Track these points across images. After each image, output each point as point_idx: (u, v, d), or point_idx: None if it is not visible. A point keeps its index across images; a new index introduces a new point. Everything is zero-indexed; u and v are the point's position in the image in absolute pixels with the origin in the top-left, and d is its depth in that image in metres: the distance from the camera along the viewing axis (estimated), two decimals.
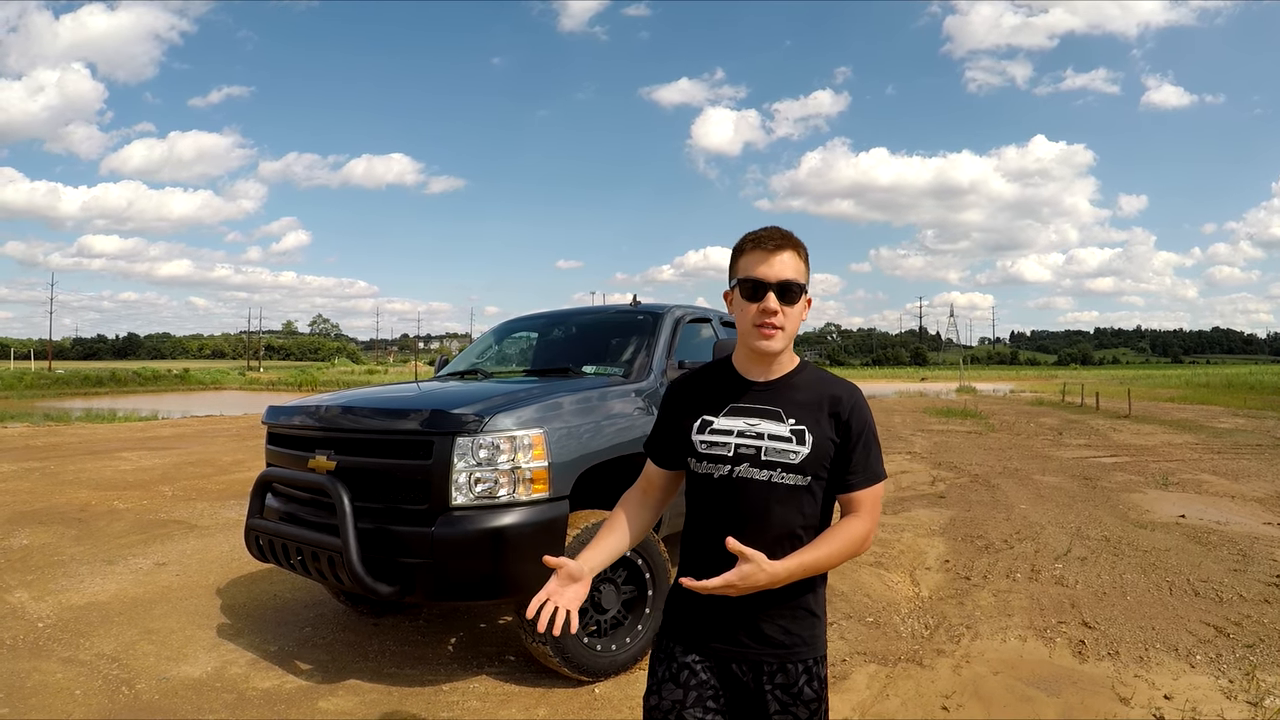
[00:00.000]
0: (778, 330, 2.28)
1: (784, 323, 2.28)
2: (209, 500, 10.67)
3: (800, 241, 2.35)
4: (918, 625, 5.82)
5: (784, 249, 2.29)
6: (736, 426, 2.30)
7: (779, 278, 2.26)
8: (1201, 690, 4.72)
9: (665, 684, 2.35)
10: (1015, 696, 4.66)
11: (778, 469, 2.25)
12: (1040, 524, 9.07)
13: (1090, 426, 22.35)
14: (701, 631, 2.34)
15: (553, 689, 4.74)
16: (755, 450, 2.27)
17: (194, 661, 5.17)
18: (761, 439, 2.27)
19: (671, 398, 2.53)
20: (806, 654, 2.30)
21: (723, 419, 2.33)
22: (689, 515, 2.45)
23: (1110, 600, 6.27)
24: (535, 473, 4.43)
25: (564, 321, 7.30)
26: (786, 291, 2.27)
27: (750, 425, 2.29)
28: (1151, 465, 13.93)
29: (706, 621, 2.33)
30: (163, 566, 7.34)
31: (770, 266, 2.27)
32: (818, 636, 2.34)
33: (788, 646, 2.28)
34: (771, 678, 2.27)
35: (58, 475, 12.60)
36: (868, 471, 2.33)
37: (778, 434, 2.27)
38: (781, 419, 2.29)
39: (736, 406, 2.34)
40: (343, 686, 4.81)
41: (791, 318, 2.30)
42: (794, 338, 2.36)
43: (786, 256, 2.28)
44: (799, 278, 2.30)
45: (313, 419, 5.08)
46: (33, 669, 5.01)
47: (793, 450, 2.26)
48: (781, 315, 2.27)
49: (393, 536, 4.37)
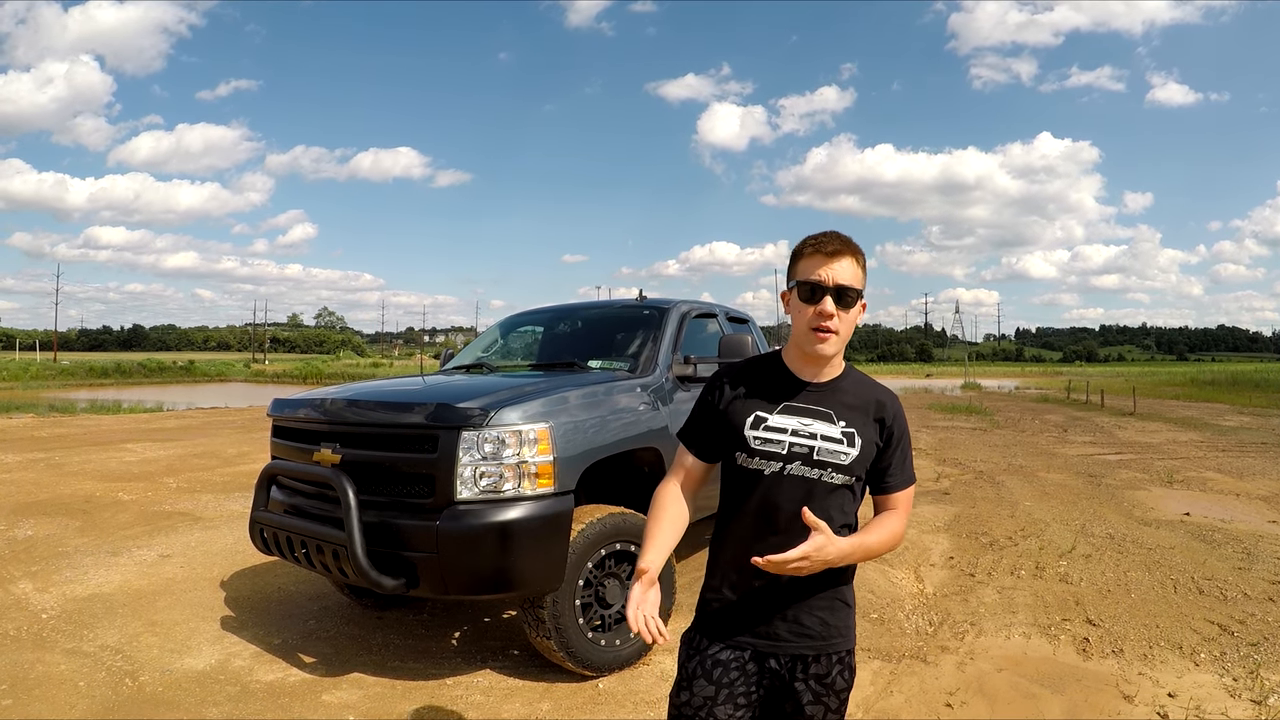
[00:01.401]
0: (832, 334, 2.31)
1: (839, 327, 2.31)
2: (213, 492, 10.67)
3: (859, 248, 2.38)
4: (922, 622, 5.82)
5: (843, 255, 2.32)
6: (791, 425, 2.34)
7: (836, 282, 2.29)
8: (1206, 688, 4.71)
9: (697, 680, 2.37)
10: (1019, 694, 4.66)
11: (828, 469, 2.31)
12: (1045, 521, 9.06)
13: (1095, 423, 22.33)
14: (740, 626, 2.37)
15: (556, 683, 4.74)
16: (809, 450, 2.31)
17: (198, 654, 5.17)
18: (815, 439, 2.32)
19: (718, 389, 2.52)
20: (841, 645, 2.36)
21: (777, 416, 2.36)
22: (724, 509, 2.47)
23: (1115, 598, 6.26)
24: (540, 467, 4.42)
25: (570, 316, 7.29)
26: (843, 296, 2.30)
27: (804, 425, 2.33)
28: (1156, 463, 13.91)
29: (745, 616, 2.37)
30: (167, 558, 7.34)
31: (830, 270, 2.30)
32: (850, 628, 2.40)
33: (825, 639, 2.33)
34: (807, 669, 2.32)
35: (62, 466, 12.61)
36: (905, 474, 2.44)
37: (830, 435, 2.32)
38: (833, 421, 2.34)
39: (791, 405, 2.37)
40: (346, 680, 4.81)
41: (846, 322, 2.33)
42: (847, 342, 2.40)
43: (846, 262, 2.32)
44: (855, 284, 2.33)
45: (318, 412, 5.07)
46: (36, 660, 5.01)
47: (844, 452, 2.31)
48: (837, 319, 2.30)
49: (397, 530, 4.37)
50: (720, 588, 2.42)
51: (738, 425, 2.39)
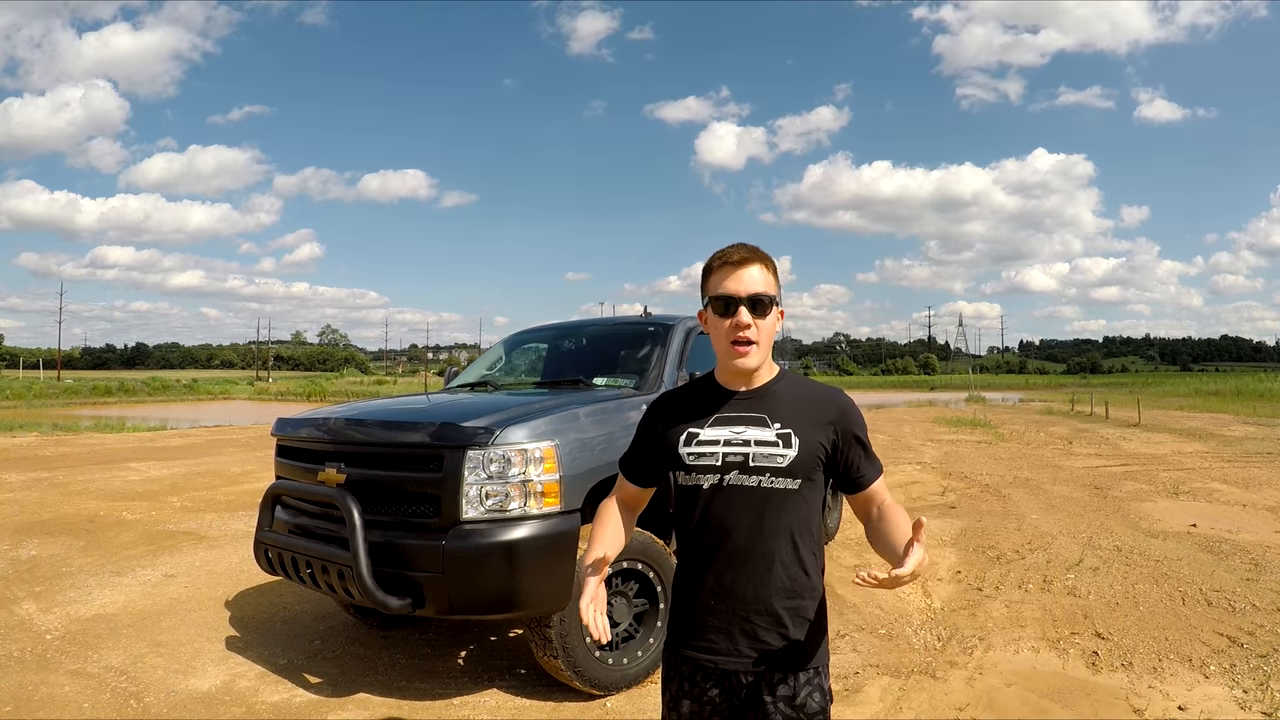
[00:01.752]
0: (752, 345, 2.29)
1: (758, 336, 2.29)
2: (218, 511, 10.66)
3: (767, 255, 2.37)
4: (930, 637, 5.79)
5: (750, 263, 2.31)
6: (723, 435, 2.31)
7: (749, 292, 2.28)
8: (1216, 701, 4.68)
9: (681, 700, 2.34)
10: (1029, 708, 4.64)
11: (766, 474, 2.26)
12: (1051, 534, 9.02)
13: (1100, 435, 22.28)
14: (707, 643, 2.31)
15: (564, 703, 4.72)
16: (743, 457, 2.27)
17: (203, 674, 5.16)
18: (749, 445, 2.27)
19: (652, 415, 2.53)
20: (809, 663, 2.28)
21: (708, 429, 2.33)
22: (679, 531, 2.43)
23: (1123, 611, 6.24)
24: (546, 486, 4.41)
25: (574, 333, 7.29)
26: (757, 305, 2.28)
27: (736, 433, 2.30)
28: (1162, 474, 13.86)
29: (710, 633, 2.31)
30: (171, 578, 7.33)
31: (739, 282, 2.29)
32: (818, 646, 2.32)
33: (789, 656, 2.26)
34: (773, 689, 2.25)
35: (66, 485, 12.61)
36: (872, 466, 2.39)
37: (764, 439, 2.27)
38: (767, 424, 2.29)
39: (722, 416, 2.34)
40: (352, 700, 4.79)
41: (764, 330, 2.31)
42: (770, 349, 2.38)
43: (754, 270, 2.30)
44: (769, 290, 2.31)
45: (322, 431, 5.06)
46: (41, 681, 5.00)
47: (780, 454, 2.26)
48: (755, 329, 2.28)
49: (403, 550, 4.36)
50: (684, 605, 2.39)
51: (672, 445, 2.38)
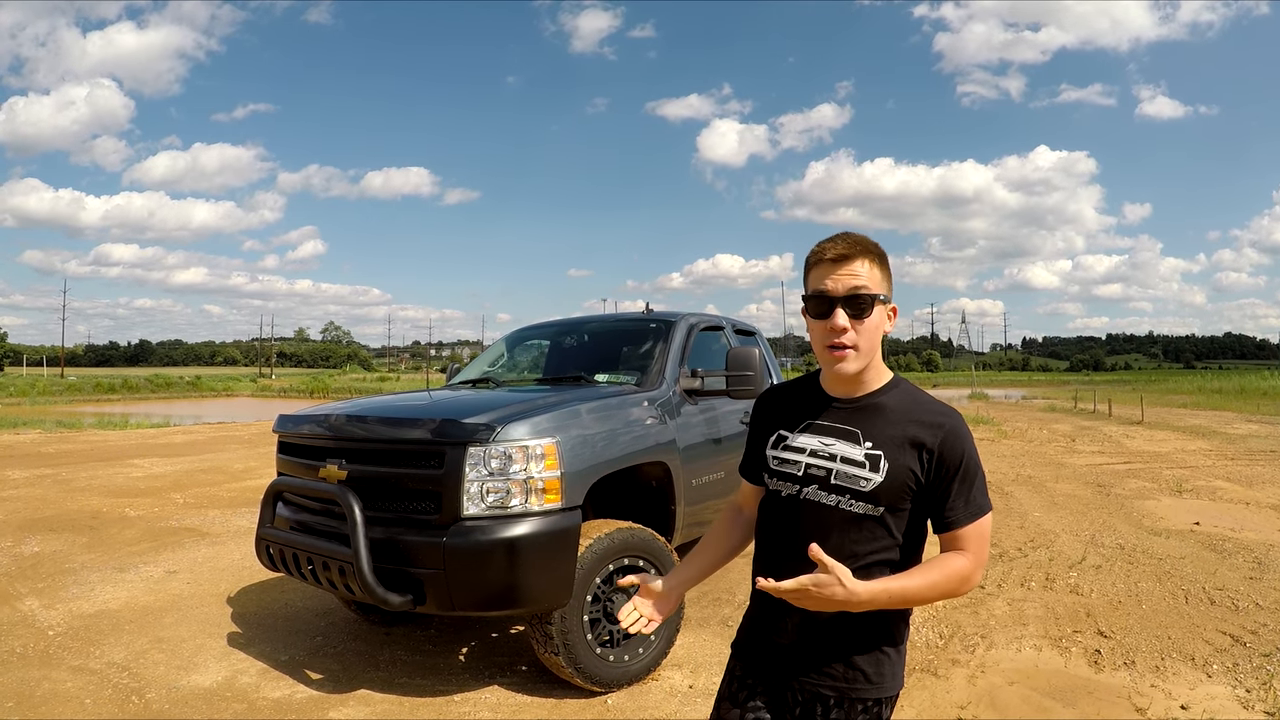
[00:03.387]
0: (849, 349, 2.08)
1: (857, 340, 2.07)
2: (220, 508, 10.68)
3: (874, 245, 2.14)
4: (932, 634, 5.78)
5: (852, 258, 2.08)
6: (810, 445, 2.15)
7: (847, 289, 2.06)
8: (1218, 700, 4.68)
9: (723, 702, 2.27)
10: (1031, 707, 4.63)
11: (846, 495, 2.08)
12: (1054, 531, 9.02)
13: (1103, 433, 22.25)
14: (762, 653, 2.22)
15: (565, 699, 4.72)
16: (825, 473, 2.10)
17: (204, 670, 5.16)
18: (834, 461, 2.10)
19: (757, 409, 2.38)
20: (869, 693, 2.11)
21: (798, 436, 2.18)
22: (757, 534, 2.31)
23: (1126, 609, 6.23)
24: (548, 482, 4.41)
25: (576, 329, 7.29)
26: (856, 304, 2.06)
27: (824, 445, 2.13)
28: (1165, 472, 13.84)
29: (768, 643, 2.20)
30: (174, 574, 7.33)
31: (836, 279, 2.07)
32: (886, 676, 2.14)
33: (849, 682, 2.10)
34: (826, 713, 2.10)
35: (69, 482, 12.62)
36: (970, 505, 2.11)
37: (851, 457, 2.09)
38: (858, 441, 2.10)
39: (814, 424, 2.17)
40: (354, 697, 4.79)
41: (866, 333, 2.08)
42: (876, 352, 2.15)
43: (856, 265, 2.08)
44: (871, 286, 2.08)
45: (323, 428, 5.06)
46: (43, 677, 5.00)
47: (864, 476, 2.06)
48: (853, 332, 2.07)
49: (404, 546, 4.35)
50: (752, 610, 2.28)
51: (761, 445, 2.26)
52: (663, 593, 2.32)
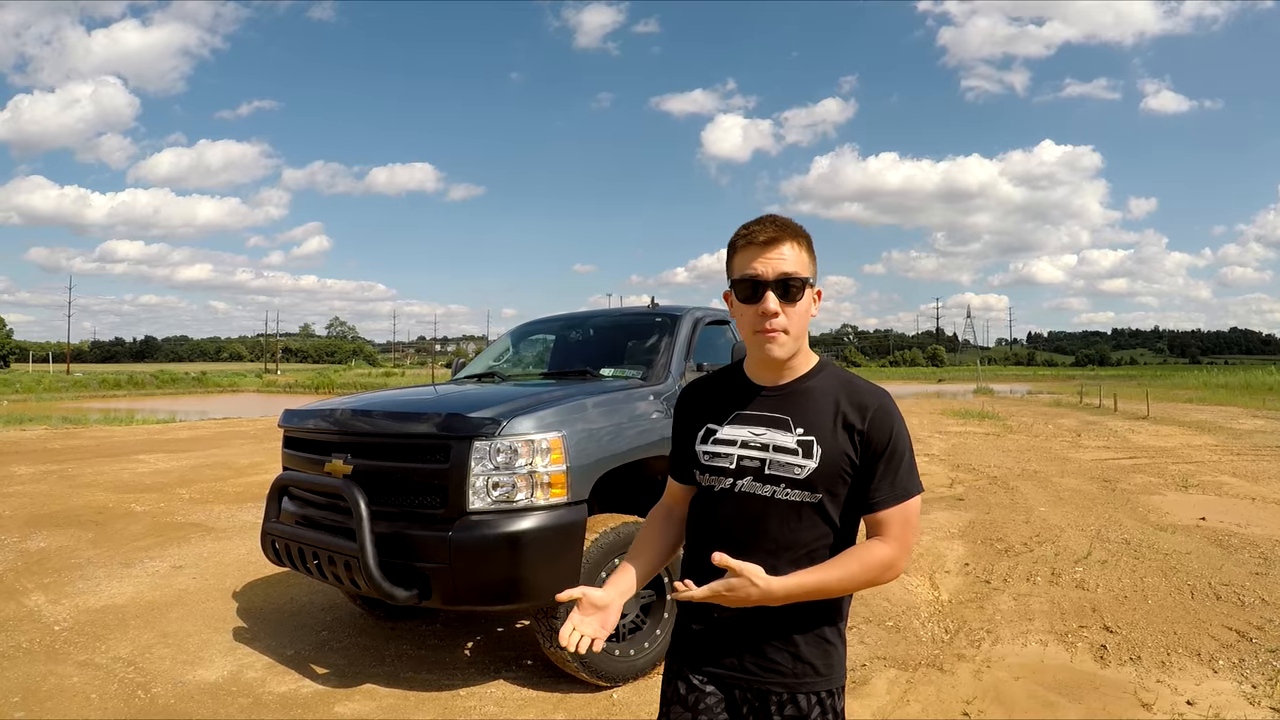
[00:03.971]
0: (779, 333, 2.05)
1: (787, 324, 2.05)
2: (226, 503, 10.69)
3: (801, 228, 2.11)
4: (938, 629, 5.78)
5: (780, 241, 2.05)
6: (740, 436, 2.11)
7: (777, 273, 2.03)
8: (1224, 696, 4.67)
9: (673, 706, 2.19)
10: (1037, 702, 4.63)
11: (782, 484, 2.04)
12: (1060, 527, 9.00)
13: (1108, 428, 22.20)
14: (705, 653, 2.16)
15: (570, 694, 4.73)
16: (759, 463, 2.07)
17: (210, 665, 5.17)
18: (766, 450, 2.06)
19: (681, 406, 2.33)
20: (819, 685, 2.08)
21: (727, 428, 2.14)
22: (689, 530, 2.28)
23: (1131, 604, 6.22)
24: (553, 477, 4.41)
25: (581, 324, 7.27)
26: (786, 287, 2.04)
27: (755, 435, 2.09)
28: (1171, 467, 13.81)
29: (710, 643, 2.15)
30: (179, 569, 7.35)
31: (766, 262, 2.04)
32: (834, 666, 2.12)
33: (797, 676, 2.07)
34: (781, 709, 2.07)
35: (75, 478, 12.65)
36: (895, 488, 2.06)
37: (783, 445, 2.05)
38: (789, 428, 2.07)
39: (742, 414, 2.14)
40: (359, 691, 4.80)
41: (796, 317, 2.06)
42: (803, 337, 2.13)
43: (785, 249, 2.05)
44: (800, 270, 2.06)
45: (329, 423, 5.07)
46: (49, 672, 5.02)
47: (798, 464, 2.03)
48: (783, 316, 2.04)
49: (409, 541, 4.36)
50: (689, 612, 2.21)
51: (689, 441, 2.21)
52: (605, 607, 2.18)
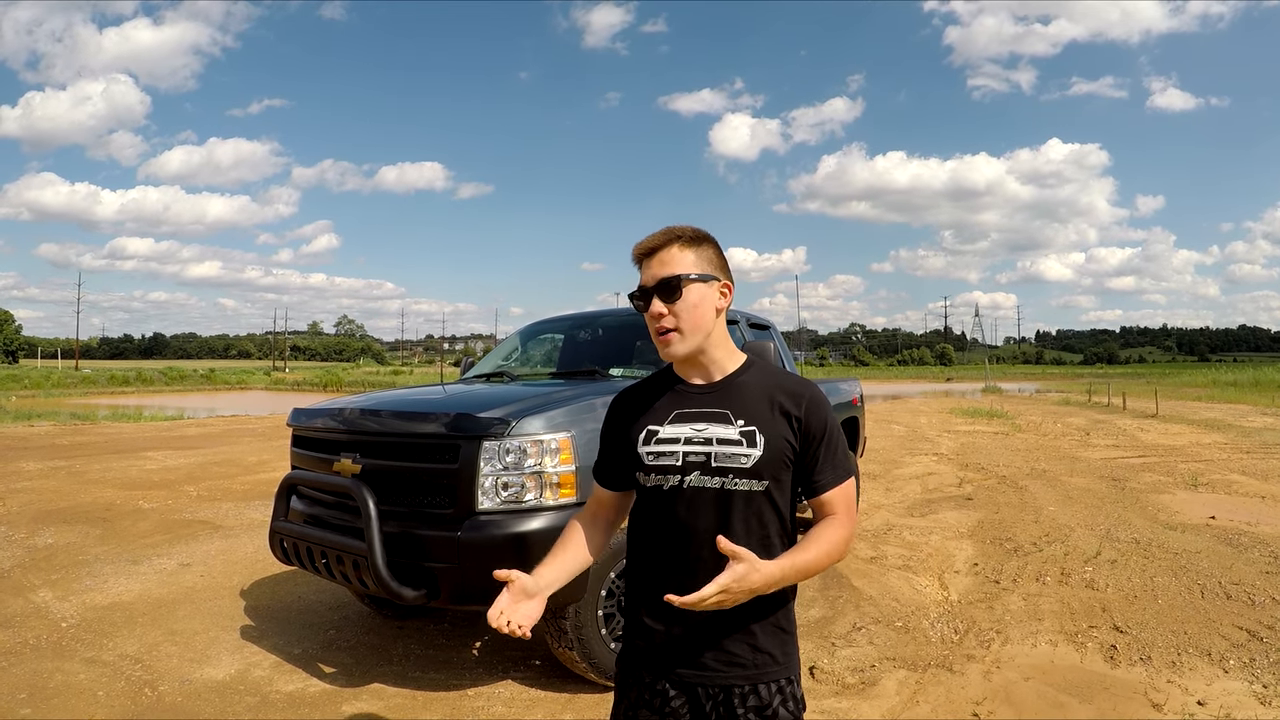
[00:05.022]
0: (672, 332, 2.17)
1: (676, 323, 2.17)
2: (234, 500, 10.71)
3: (686, 230, 2.25)
4: (947, 630, 5.76)
5: (659, 248, 2.21)
6: (683, 433, 2.18)
7: (655, 278, 2.17)
8: (1235, 696, 4.64)
9: (640, 709, 2.22)
10: (1047, 702, 4.60)
11: (729, 475, 2.12)
12: (1069, 526, 8.98)
13: (1117, 426, 22.17)
14: (664, 657, 2.19)
15: (578, 694, 4.72)
16: (705, 456, 2.14)
17: (217, 663, 5.17)
18: (710, 444, 2.14)
19: (614, 412, 2.40)
20: (779, 673, 2.16)
21: (668, 427, 2.20)
22: (634, 534, 2.31)
23: (1141, 604, 6.19)
24: (563, 477, 4.39)
25: (590, 323, 7.26)
26: (667, 289, 2.16)
27: (697, 430, 2.17)
28: (1180, 466, 13.77)
29: (668, 646, 2.18)
30: (187, 567, 7.35)
31: (648, 270, 2.21)
32: (790, 654, 2.21)
33: (758, 667, 2.14)
34: (744, 700, 2.12)
35: (83, 474, 12.67)
36: (836, 469, 2.18)
37: (726, 437, 2.14)
38: (730, 420, 2.16)
39: (682, 412, 2.21)
40: (367, 690, 4.79)
41: (686, 314, 2.17)
42: (704, 334, 2.21)
43: (663, 254, 2.19)
44: (681, 269, 2.18)
45: (338, 422, 5.06)
46: (56, 669, 5.02)
47: (744, 454, 2.12)
48: (670, 316, 2.16)
49: (418, 540, 4.34)
50: (639, 616, 2.25)
51: (632, 443, 2.25)
52: (534, 596, 2.24)
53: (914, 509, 10.22)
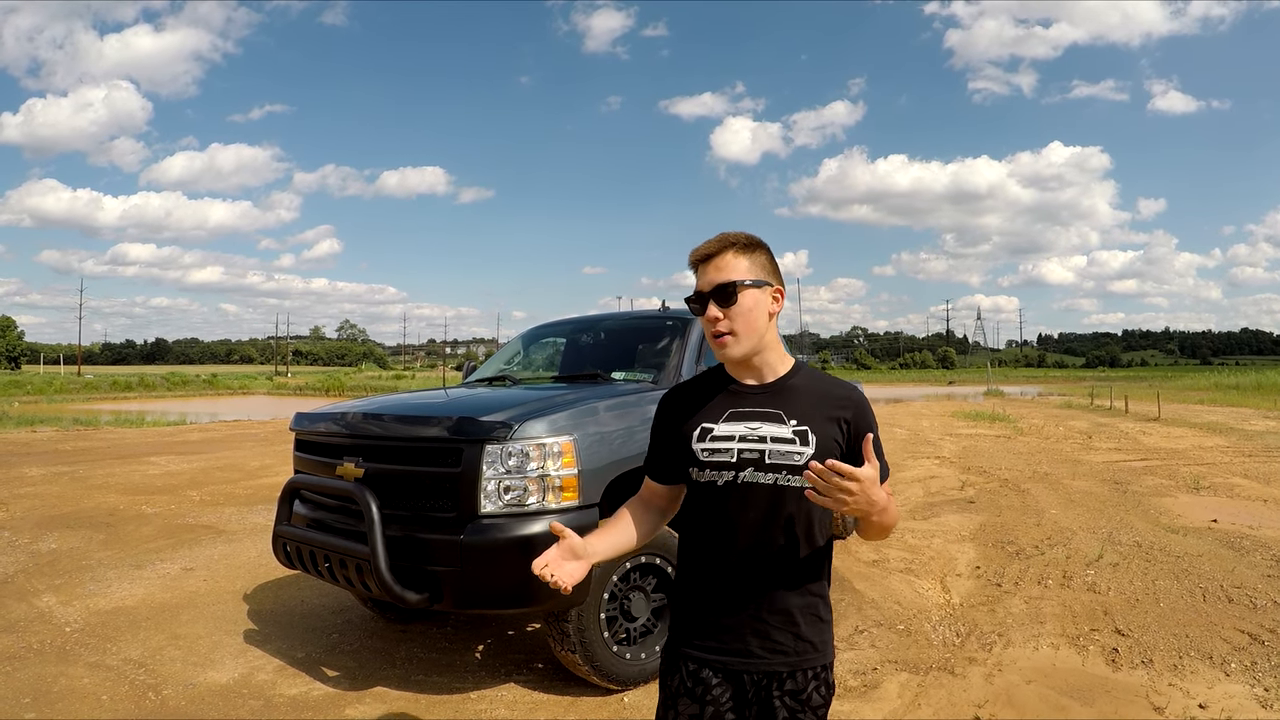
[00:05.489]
0: (728, 335, 2.26)
1: (732, 326, 2.26)
2: (237, 505, 10.71)
3: (741, 236, 2.33)
4: (949, 633, 5.77)
5: (714, 255, 2.29)
6: (738, 431, 2.26)
7: (712, 283, 2.26)
8: (1236, 699, 4.65)
9: (680, 698, 2.31)
10: (1049, 705, 4.61)
11: (783, 472, 2.21)
12: (1071, 529, 8.97)
13: (1119, 430, 22.15)
14: (712, 644, 2.29)
15: (581, 697, 4.72)
16: (759, 454, 2.22)
17: (221, 667, 5.18)
18: (764, 442, 2.23)
19: (666, 409, 2.47)
20: (816, 660, 2.26)
21: (723, 425, 2.28)
22: (687, 527, 2.40)
23: (1143, 607, 6.19)
24: (565, 480, 4.41)
25: (592, 327, 7.27)
26: (723, 294, 2.25)
27: (752, 429, 2.25)
28: (1182, 469, 13.76)
29: (716, 633, 2.28)
30: (190, 571, 7.36)
31: (704, 275, 2.29)
32: (827, 642, 2.31)
33: (799, 654, 2.25)
34: (781, 685, 2.23)
35: (86, 479, 12.68)
36: (883, 468, 2.19)
37: (780, 436, 2.22)
38: (783, 420, 2.24)
39: (737, 411, 2.29)
40: (370, 694, 4.80)
41: (741, 318, 2.26)
42: (759, 336, 2.30)
43: (719, 260, 2.28)
44: (737, 275, 2.27)
45: (340, 426, 5.07)
46: (60, 674, 5.03)
47: (796, 451, 2.20)
48: (726, 320, 2.25)
49: (421, 544, 4.36)
50: (693, 603, 2.35)
51: (686, 440, 2.33)
52: (581, 559, 2.30)
53: (916, 512, 10.22)
